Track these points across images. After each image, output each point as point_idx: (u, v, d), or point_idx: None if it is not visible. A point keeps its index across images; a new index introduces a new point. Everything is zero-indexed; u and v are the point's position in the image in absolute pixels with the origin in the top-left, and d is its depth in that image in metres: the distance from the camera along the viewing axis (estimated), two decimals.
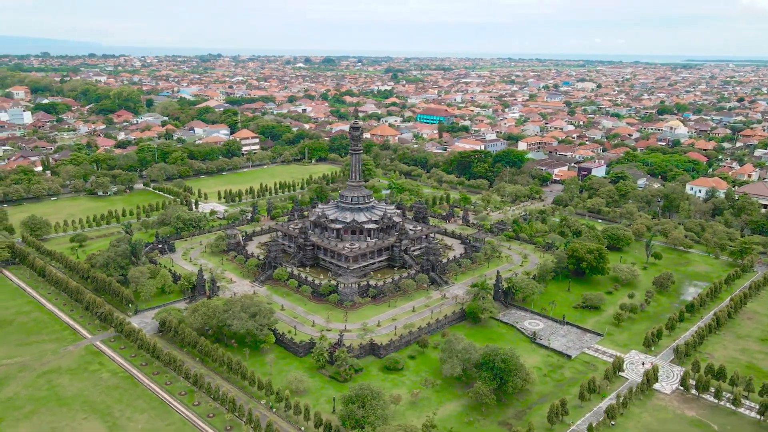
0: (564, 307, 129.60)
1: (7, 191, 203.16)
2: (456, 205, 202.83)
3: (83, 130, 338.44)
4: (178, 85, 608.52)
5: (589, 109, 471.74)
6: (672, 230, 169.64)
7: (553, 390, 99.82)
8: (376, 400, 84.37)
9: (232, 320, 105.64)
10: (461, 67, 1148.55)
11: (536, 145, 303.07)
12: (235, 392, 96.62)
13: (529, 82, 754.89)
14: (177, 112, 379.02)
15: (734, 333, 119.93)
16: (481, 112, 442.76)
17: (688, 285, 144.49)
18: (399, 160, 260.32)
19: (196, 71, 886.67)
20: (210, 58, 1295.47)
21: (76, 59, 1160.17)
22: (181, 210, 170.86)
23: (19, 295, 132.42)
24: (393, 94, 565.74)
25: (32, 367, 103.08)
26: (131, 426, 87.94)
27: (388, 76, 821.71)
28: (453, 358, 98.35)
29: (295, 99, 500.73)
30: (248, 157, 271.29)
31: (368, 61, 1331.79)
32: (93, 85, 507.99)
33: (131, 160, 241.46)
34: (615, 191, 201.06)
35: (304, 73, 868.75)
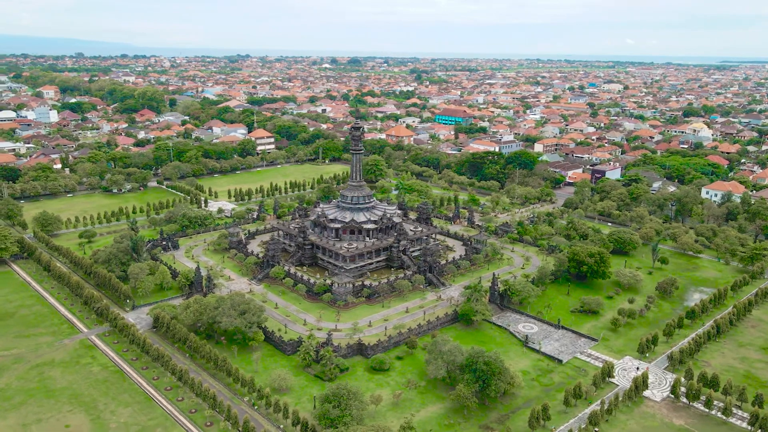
0: (562, 311, 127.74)
1: (25, 188, 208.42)
2: (464, 206, 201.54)
3: (106, 129, 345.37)
4: (203, 86, 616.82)
5: (613, 110, 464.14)
6: (681, 235, 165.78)
7: (540, 395, 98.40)
8: (352, 400, 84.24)
9: (222, 317, 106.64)
10: (487, 68, 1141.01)
11: (553, 147, 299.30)
12: (220, 389, 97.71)
13: (554, 84, 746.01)
14: (198, 112, 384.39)
15: (735, 341, 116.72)
16: (501, 114, 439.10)
17: (693, 291, 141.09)
18: (411, 160, 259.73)
19: (223, 72, 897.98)
20: (238, 59, 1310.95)
21: (109, 60, 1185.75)
22: (188, 208, 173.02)
23: (24, 288, 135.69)
24: (415, 94, 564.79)
25: (27, 359, 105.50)
26: (114, 419, 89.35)
27: (412, 77, 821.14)
28: (438, 360, 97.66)
29: (316, 99, 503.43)
30: (262, 156, 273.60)
31: (394, 62, 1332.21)
32: (119, 85, 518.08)
33: (147, 159, 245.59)
34: (627, 194, 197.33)
35: (329, 74, 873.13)
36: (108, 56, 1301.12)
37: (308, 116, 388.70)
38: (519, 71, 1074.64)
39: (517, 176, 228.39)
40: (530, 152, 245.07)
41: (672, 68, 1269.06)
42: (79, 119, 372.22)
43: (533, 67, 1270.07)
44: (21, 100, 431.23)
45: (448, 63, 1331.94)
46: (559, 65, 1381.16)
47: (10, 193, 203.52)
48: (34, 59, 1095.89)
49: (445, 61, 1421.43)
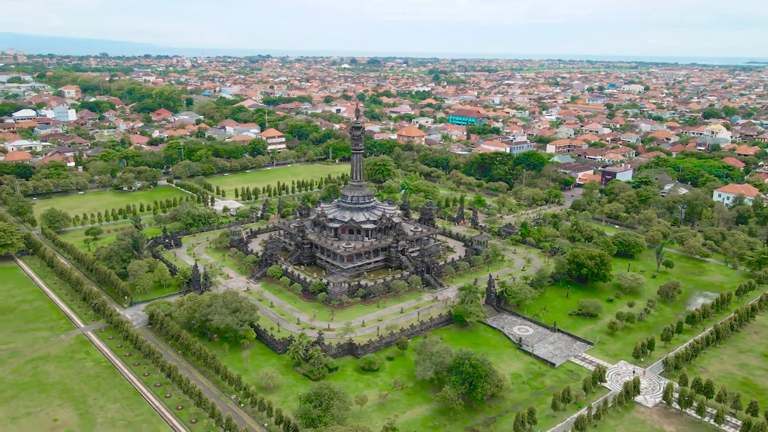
0: (559, 314, 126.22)
1: (37, 185, 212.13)
2: (470, 207, 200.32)
3: (122, 128, 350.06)
4: (221, 85, 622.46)
5: (631, 112, 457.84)
6: (689, 238, 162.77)
7: (530, 398, 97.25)
8: (334, 399, 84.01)
9: (213, 315, 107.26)
10: (507, 69, 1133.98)
11: (565, 148, 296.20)
12: (209, 386, 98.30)
13: (573, 84, 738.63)
14: (212, 111, 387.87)
15: (736, 347, 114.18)
16: (516, 114, 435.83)
17: (697, 295, 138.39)
18: (420, 161, 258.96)
19: (243, 72, 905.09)
20: (259, 59, 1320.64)
21: (132, 60, 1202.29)
22: (192, 206, 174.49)
23: (27, 284, 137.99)
24: (431, 95, 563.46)
25: (23, 354, 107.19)
26: (101, 414, 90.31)
27: (430, 78, 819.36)
28: (426, 362, 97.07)
29: (331, 99, 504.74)
30: (272, 155, 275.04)
31: (414, 62, 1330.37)
32: (138, 85, 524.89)
33: (158, 157, 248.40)
34: (635, 196, 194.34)
35: (347, 74, 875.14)
36: (131, 56, 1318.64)
37: (322, 116, 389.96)
38: (539, 72, 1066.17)
39: (525, 177, 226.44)
40: (539, 153, 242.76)
41: (696, 69, 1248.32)
42: (97, 118, 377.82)
43: (554, 68, 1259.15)
44: (42, 99, 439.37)
45: (468, 63, 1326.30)
46: (581, 66, 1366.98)
47: (22, 190, 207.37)
48: (59, 59, 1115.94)
49: (466, 62, 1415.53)
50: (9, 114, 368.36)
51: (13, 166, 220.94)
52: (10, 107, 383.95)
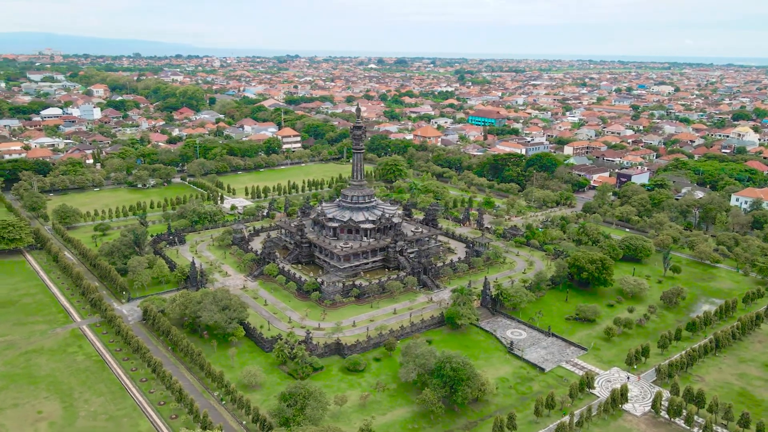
0: (556, 318, 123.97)
1: (54, 181, 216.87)
2: (478, 208, 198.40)
3: (144, 126, 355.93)
4: (246, 85, 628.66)
5: (657, 113, 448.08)
6: (700, 243, 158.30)
7: (515, 403, 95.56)
8: (310, 399, 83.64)
9: (202, 312, 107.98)
10: (535, 69, 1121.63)
11: (583, 150, 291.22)
12: (193, 382, 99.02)
13: (600, 85, 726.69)
14: (233, 110, 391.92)
15: (737, 356, 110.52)
16: (538, 115, 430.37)
17: (703, 302, 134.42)
18: (433, 161, 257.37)
19: (270, 71, 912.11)
20: (287, 59, 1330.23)
21: (163, 60, 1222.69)
22: (198, 204, 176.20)
23: (32, 277, 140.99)
24: (454, 95, 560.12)
25: (18, 346, 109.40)
26: (85, 408, 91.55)
27: (455, 78, 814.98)
28: (409, 363, 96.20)
29: (353, 99, 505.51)
30: (287, 154, 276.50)
31: (442, 62, 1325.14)
32: (163, 84, 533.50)
33: (173, 155, 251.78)
34: (648, 200, 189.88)
35: (373, 74, 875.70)
36: (163, 56, 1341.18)
37: (341, 116, 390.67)
38: (568, 72, 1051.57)
39: (536, 179, 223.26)
40: (552, 155, 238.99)
41: (732, 70, 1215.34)
42: (121, 116, 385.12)
43: (584, 69, 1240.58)
44: (71, 98, 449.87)
45: (497, 64, 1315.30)
46: (612, 66, 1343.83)
47: (40, 186, 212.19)
48: (94, 59, 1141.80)
49: (494, 62, 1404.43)
50: (37, 112, 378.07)
51: (32, 163, 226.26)
52: (39, 105, 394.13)
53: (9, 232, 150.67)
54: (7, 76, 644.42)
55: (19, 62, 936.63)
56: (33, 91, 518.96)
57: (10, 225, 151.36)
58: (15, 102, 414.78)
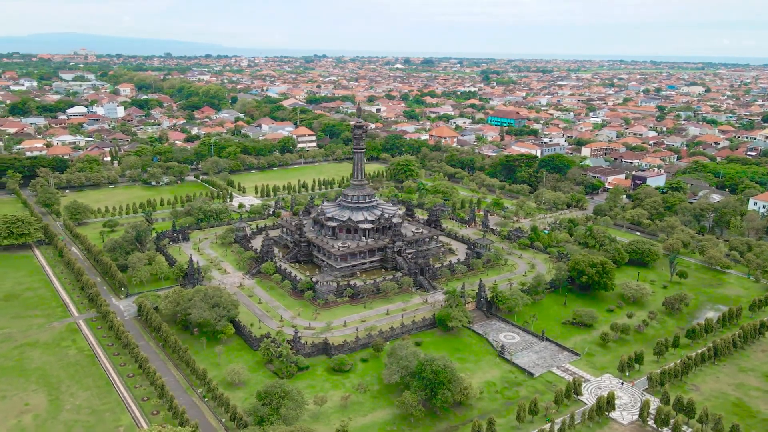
0: (553, 323, 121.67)
1: (70, 178, 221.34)
2: (488, 209, 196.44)
3: (165, 125, 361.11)
4: (271, 84, 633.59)
5: (683, 114, 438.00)
6: (710, 248, 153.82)
7: (499, 408, 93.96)
8: (286, 399, 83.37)
9: (192, 309, 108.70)
10: (563, 70, 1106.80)
11: (602, 151, 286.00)
12: (179, 379, 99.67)
13: (628, 86, 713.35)
14: (252, 110, 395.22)
15: (737, 365, 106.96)
16: (560, 116, 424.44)
17: (708, 309, 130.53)
18: (446, 162, 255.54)
19: (296, 71, 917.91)
20: (314, 59, 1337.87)
21: (193, 60, 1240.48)
22: (204, 202, 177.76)
23: (38, 272, 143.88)
24: (476, 95, 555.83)
25: (15, 339, 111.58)
26: (70, 401, 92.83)
27: (481, 78, 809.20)
28: (393, 365, 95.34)
29: (375, 99, 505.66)
30: (300, 154, 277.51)
31: (469, 62, 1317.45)
32: (187, 83, 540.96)
33: (188, 154, 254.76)
34: (661, 203, 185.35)
35: (398, 74, 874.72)
36: (193, 56, 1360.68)
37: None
38: (597, 73, 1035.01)
39: (546, 180, 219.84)
40: (565, 156, 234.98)
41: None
42: (144, 115, 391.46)
43: (614, 69, 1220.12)
44: (98, 97, 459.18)
45: (525, 64, 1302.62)
46: (643, 67, 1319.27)
47: (56, 182, 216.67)
48: (126, 59, 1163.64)
49: (522, 62, 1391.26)
50: (63, 110, 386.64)
51: (50, 160, 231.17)
52: (65, 104, 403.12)
53: (18, 227, 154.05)
54: (40, 75, 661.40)
55: (54, 62, 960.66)
56: (63, 90, 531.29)
57: (19, 220, 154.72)
58: (44, 100, 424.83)
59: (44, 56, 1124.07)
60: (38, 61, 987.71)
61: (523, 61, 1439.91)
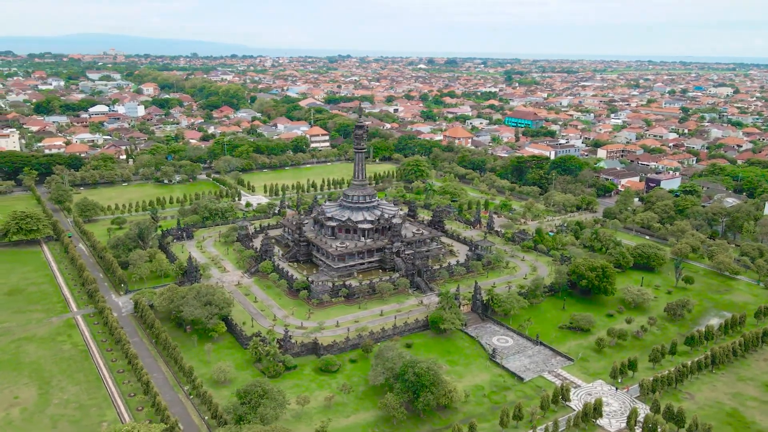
0: (549, 327, 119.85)
1: (85, 175, 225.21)
2: (495, 211, 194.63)
3: (184, 124, 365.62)
4: (292, 84, 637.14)
5: (708, 116, 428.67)
6: (719, 253, 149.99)
7: (485, 412, 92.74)
8: (265, 398, 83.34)
9: (184, 306, 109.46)
10: (589, 70, 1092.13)
11: (618, 153, 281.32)
12: (168, 376, 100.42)
13: (654, 87, 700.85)
14: (270, 109, 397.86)
15: (736, 374, 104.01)
16: (580, 117, 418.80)
17: (713, 315, 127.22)
18: (458, 163, 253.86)
19: (319, 71, 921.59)
20: (338, 59, 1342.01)
21: (218, 59, 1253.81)
22: (210, 201, 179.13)
23: (43, 267, 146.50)
24: (497, 96, 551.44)
25: (13, 333, 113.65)
26: (59, 396, 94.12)
27: (503, 78, 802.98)
28: (379, 367, 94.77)
29: (393, 99, 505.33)
30: (313, 153, 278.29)
31: (493, 63, 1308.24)
32: (208, 83, 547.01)
33: (201, 152, 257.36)
34: (672, 206, 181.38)
35: (421, 74, 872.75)
36: (219, 56, 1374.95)
37: (376, 115, 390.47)
38: (623, 73, 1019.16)
39: (556, 182, 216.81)
40: (576, 157, 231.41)
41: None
42: (163, 114, 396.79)
43: (642, 69, 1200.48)
44: (122, 96, 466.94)
45: (549, 64, 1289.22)
46: (672, 67, 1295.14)
47: (71, 179, 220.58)
48: (153, 59, 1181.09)
49: (547, 63, 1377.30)
50: (85, 109, 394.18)
51: (66, 158, 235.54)
52: (88, 103, 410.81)
53: (27, 224, 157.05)
54: (69, 75, 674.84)
55: (84, 62, 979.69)
56: (88, 89, 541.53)
57: (27, 216, 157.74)
58: (68, 100, 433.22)
59: (75, 56, 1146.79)
60: (69, 60, 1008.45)
61: (548, 62, 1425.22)
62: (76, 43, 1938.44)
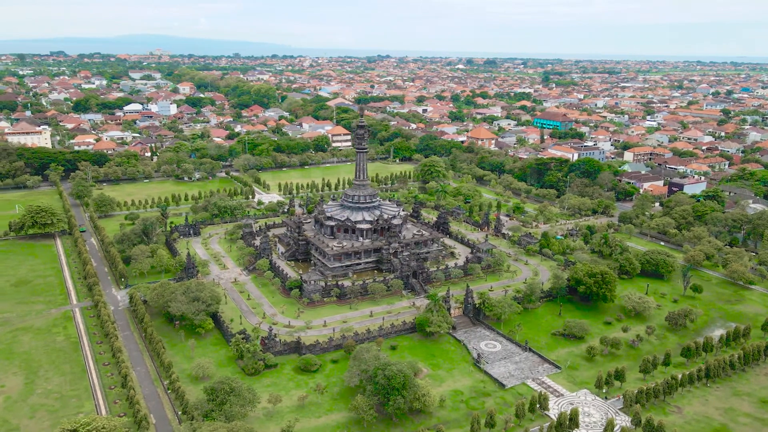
0: (542, 333, 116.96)
1: (108, 172, 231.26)
2: (508, 213, 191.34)
3: (213, 122, 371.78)
4: (327, 84, 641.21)
5: (750, 118, 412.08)
6: (733, 261, 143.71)
7: (460, 418, 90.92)
8: (231, 396, 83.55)
9: (172, 302, 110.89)
10: (633, 71, 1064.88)
11: (646, 156, 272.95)
12: (151, 370, 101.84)
13: (698, 88, 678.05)
14: (298, 108, 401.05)
15: (733, 388, 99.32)
16: (614, 119, 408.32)
17: (719, 326, 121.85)
18: (477, 164, 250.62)
19: (356, 71, 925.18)
20: (377, 59, 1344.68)
21: (258, 59, 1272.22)
22: (220, 198, 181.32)
23: (53, 261, 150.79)
24: (530, 97, 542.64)
25: (12, 323, 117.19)
26: (43, 386, 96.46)
27: (540, 79, 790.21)
28: (354, 368, 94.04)
29: (424, 99, 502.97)
30: (333, 152, 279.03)
31: (534, 63, 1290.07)
32: (242, 82, 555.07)
33: (222, 151, 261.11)
34: (691, 212, 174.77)
35: (457, 75, 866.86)
36: (260, 56, 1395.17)
37: (403, 115, 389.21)
38: (668, 74, 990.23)
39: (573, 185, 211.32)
40: (595, 160, 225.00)
41: None
42: (194, 113, 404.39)
43: (689, 70, 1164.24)
44: (159, 95, 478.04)
45: (593, 65, 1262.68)
46: (721, 68, 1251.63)
47: (94, 176, 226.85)
48: (196, 59, 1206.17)
49: (590, 63, 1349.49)
50: (120, 107, 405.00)
51: (91, 154, 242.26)
52: (123, 101, 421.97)
53: (41, 218, 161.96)
54: (112, 74, 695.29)
55: (129, 62, 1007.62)
56: (128, 88, 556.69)
57: (42, 210, 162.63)
58: (106, 98, 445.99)
59: (122, 56, 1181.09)
60: (115, 60, 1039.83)
61: (591, 62, 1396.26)
62: (125, 44, 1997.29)
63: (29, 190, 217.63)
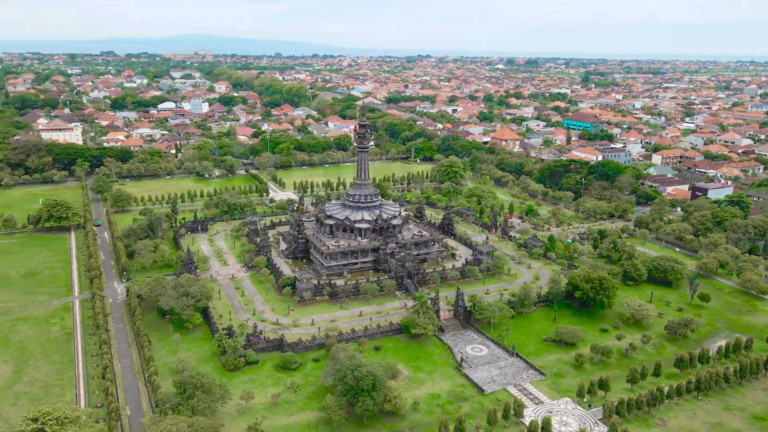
0: (533, 339, 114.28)
1: (131, 168, 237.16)
2: (520, 215, 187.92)
3: (242, 121, 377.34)
4: (361, 84, 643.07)
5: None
6: (747, 270, 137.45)
7: (431, 422, 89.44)
8: (199, 391, 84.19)
9: (161, 297, 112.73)
10: (679, 71, 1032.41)
11: (675, 159, 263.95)
12: (135, 362, 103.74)
13: (745, 89, 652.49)
14: (326, 108, 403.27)
15: (725, 402, 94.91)
16: (649, 121, 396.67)
17: (723, 337, 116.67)
18: (496, 165, 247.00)
19: (394, 71, 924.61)
20: (417, 59, 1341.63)
21: (299, 59, 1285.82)
22: (231, 196, 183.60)
23: (64, 253, 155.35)
24: (565, 97, 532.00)
25: (13, 312, 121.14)
26: (30, 374, 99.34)
27: (580, 79, 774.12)
28: (328, 368, 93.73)
29: (456, 99, 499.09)
30: (354, 152, 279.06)
31: (577, 63, 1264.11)
32: (276, 81, 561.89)
33: (244, 149, 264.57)
34: (710, 217, 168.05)
35: (495, 75, 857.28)
36: (300, 56, 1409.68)
37: (431, 115, 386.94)
38: (716, 75, 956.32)
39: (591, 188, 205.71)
40: (615, 162, 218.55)
41: None
42: (225, 111, 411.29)
43: (741, 70, 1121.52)
44: (195, 93, 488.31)
45: (638, 65, 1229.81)
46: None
47: (118, 172, 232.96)
48: (238, 59, 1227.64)
49: (636, 63, 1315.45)
50: (155, 105, 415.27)
51: (117, 150, 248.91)
52: (158, 100, 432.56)
53: (57, 211, 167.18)
54: (154, 73, 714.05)
55: (174, 61, 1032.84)
56: (167, 86, 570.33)
57: (59, 204, 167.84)
58: (143, 96, 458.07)
59: (167, 56, 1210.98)
60: (160, 60, 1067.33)
61: (637, 62, 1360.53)
62: (173, 45, 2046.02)
63: (56, 185, 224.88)
